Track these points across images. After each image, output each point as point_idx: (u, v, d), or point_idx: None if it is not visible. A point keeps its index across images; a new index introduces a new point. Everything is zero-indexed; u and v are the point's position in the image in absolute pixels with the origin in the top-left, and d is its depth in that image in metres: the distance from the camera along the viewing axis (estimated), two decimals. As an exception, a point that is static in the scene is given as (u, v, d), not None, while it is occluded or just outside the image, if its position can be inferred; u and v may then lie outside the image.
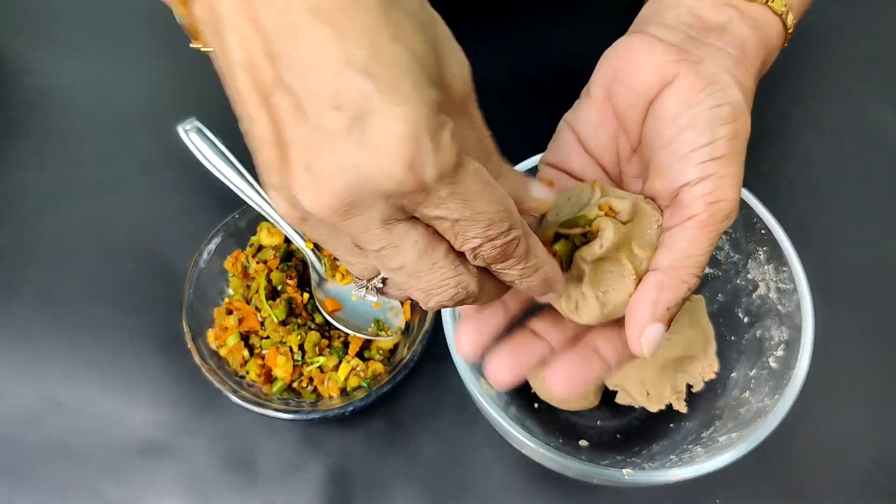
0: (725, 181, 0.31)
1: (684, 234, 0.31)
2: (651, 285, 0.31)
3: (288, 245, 0.53)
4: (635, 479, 0.37)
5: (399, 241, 0.25)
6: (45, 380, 0.51)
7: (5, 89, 0.64)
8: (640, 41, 0.34)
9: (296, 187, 0.24)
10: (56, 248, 0.56)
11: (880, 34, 0.66)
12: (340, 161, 0.23)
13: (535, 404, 0.49)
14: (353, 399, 0.47)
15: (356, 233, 0.25)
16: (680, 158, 0.31)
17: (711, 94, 0.31)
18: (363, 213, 0.24)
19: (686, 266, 0.31)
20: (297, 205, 0.25)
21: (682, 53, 0.33)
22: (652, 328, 0.31)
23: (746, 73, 0.34)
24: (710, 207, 0.31)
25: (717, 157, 0.31)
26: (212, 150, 0.50)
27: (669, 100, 0.32)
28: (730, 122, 0.31)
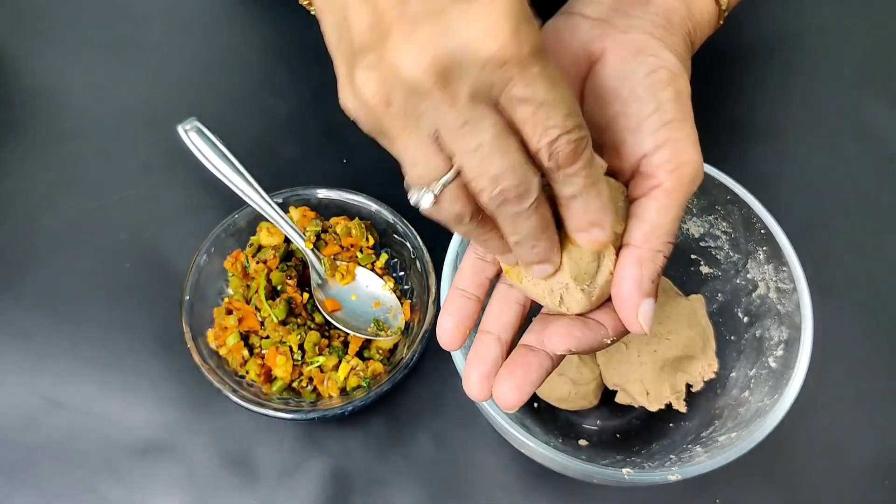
0: (683, 144, 0.31)
1: (652, 203, 0.31)
2: (629, 262, 0.31)
3: (288, 245, 0.53)
4: (635, 479, 0.37)
5: (480, 120, 0.26)
6: (44, 380, 0.52)
7: (5, 89, 0.64)
8: (563, 22, 0.34)
9: (400, 53, 0.25)
10: (56, 248, 0.56)
11: (880, 35, 0.67)
12: (446, 26, 0.25)
13: (535, 404, 0.49)
14: (352, 399, 0.47)
15: (447, 103, 0.26)
16: (631, 131, 0.31)
17: (643, 62, 0.31)
18: (458, 80, 0.25)
19: (659, 236, 0.31)
20: (395, 76, 0.26)
21: (607, 27, 0.33)
22: (644, 305, 0.31)
23: (673, 39, 0.34)
24: (674, 174, 0.30)
25: (667, 122, 0.31)
26: (212, 150, 0.50)
27: (603, 76, 0.32)
28: (670, 85, 0.31)
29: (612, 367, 0.47)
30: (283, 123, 0.62)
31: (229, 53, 0.66)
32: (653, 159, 0.31)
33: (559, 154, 0.27)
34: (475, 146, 0.27)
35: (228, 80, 0.65)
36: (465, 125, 0.26)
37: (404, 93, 0.26)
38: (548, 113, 0.26)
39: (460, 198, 0.28)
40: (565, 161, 0.28)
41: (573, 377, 0.47)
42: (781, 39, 0.66)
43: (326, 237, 0.52)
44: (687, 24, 0.35)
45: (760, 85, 0.63)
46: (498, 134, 0.27)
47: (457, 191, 0.28)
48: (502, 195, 0.27)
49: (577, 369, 0.47)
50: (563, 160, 0.28)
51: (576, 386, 0.47)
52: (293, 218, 0.52)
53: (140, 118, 0.62)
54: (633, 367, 0.46)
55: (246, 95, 0.64)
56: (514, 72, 0.25)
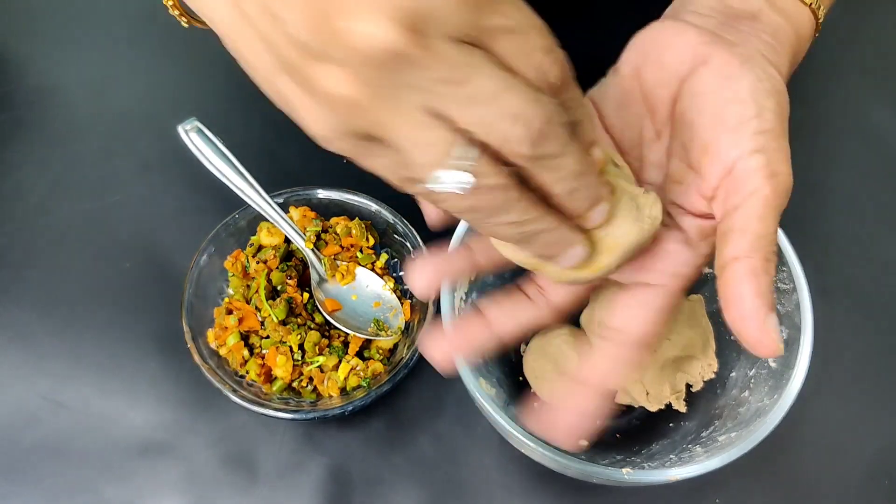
0: (777, 155, 0.29)
1: (753, 211, 0.29)
2: (745, 277, 0.28)
3: (288, 245, 0.53)
4: (635, 479, 0.37)
5: (476, 61, 0.24)
6: (45, 380, 0.52)
7: (5, 89, 0.64)
8: (672, 25, 0.33)
9: (353, 22, 0.22)
10: (56, 248, 0.56)
11: (881, 35, 0.67)
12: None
13: (535, 404, 0.49)
14: (352, 399, 0.47)
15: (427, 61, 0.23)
16: (729, 130, 0.30)
17: (752, 71, 0.30)
18: (433, 28, 0.22)
19: (766, 245, 0.29)
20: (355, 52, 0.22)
21: (716, 37, 0.32)
22: (770, 320, 0.28)
23: (780, 59, 0.33)
24: (772, 182, 0.29)
25: (766, 129, 0.29)
26: (212, 150, 0.50)
27: (706, 76, 0.31)
28: (774, 94, 0.30)
29: (612, 367, 0.47)
30: (283, 123, 0.61)
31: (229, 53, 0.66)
32: (750, 163, 0.29)
33: (550, 76, 0.25)
34: (477, 90, 0.24)
35: (228, 80, 0.65)
36: (462, 72, 0.23)
37: (378, 66, 0.23)
38: (527, 36, 0.24)
39: (493, 164, 0.25)
40: (559, 84, 0.26)
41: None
42: (781, 39, 0.66)
43: (326, 237, 0.52)
44: (791, 44, 0.34)
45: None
46: (494, 70, 0.24)
47: (490, 158, 0.25)
48: (536, 131, 0.25)
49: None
50: (556, 83, 0.26)
51: (576, 386, 0.47)
52: (293, 218, 0.52)
53: (140, 118, 0.62)
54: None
55: (246, 95, 0.64)
56: (486, 2, 0.23)
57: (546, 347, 0.48)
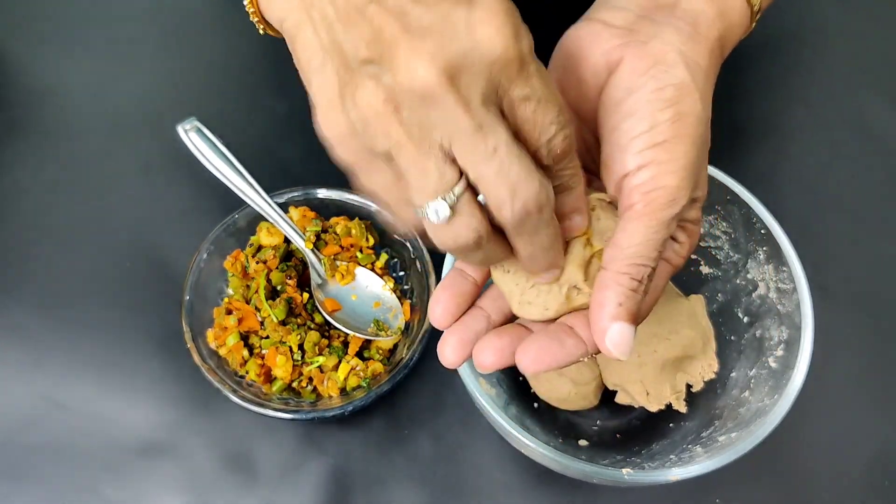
0: (665, 167, 0.30)
1: (623, 224, 0.31)
2: (598, 285, 0.31)
3: (288, 245, 0.53)
4: (635, 479, 0.37)
5: (494, 124, 0.26)
6: (45, 380, 0.52)
7: (5, 89, 0.64)
8: (586, 29, 0.34)
9: (408, 61, 0.25)
10: (56, 248, 0.56)
11: (880, 35, 0.67)
12: (452, 32, 0.25)
13: (535, 404, 0.49)
14: (352, 399, 0.47)
15: (460, 107, 0.26)
16: (621, 148, 0.31)
17: (654, 77, 0.31)
18: (469, 83, 0.26)
19: (625, 258, 0.30)
20: (401, 83, 0.26)
21: (630, 35, 0.32)
22: (612, 329, 0.30)
23: (698, 47, 0.33)
24: (646, 197, 0.30)
25: (657, 143, 0.30)
26: (212, 150, 0.50)
27: (614, 87, 0.32)
28: (672, 105, 0.30)
29: (612, 368, 0.47)
30: (283, 123, 0.62)
31: (229, 53, 0.66)
32: (632, 180, 0.31)
33: (556, 149, 0.28)
34: (492, 150, 0.26)
35: (228, 80, 0.65)
36: (479, 129, 0.26)
37: (414, 100, 0.26)
38: (546, 109, 0.27)
39: (476, 211, 0.28)
40: (562, 155, 0.28)
41: (573, 377, 0.47)
42: (782, 39, 0.66)
43: (326, 237, 0.52)
44: (716, 28, 0.34)
45: (760, 85, 0.63)
46: (511, 139, 0.27)
47: (473, 202, 0.28)
48: (525, 208, 0.27)
49: (578, 370, 0.47)
50: (559, 155, 0.28)
51: (576, 386, 0.47)
52: (293, 218, 0.52)
53: (140, 118, 0.62)
54: (633, 368, 0.46)
55: (246, 95, 0.64)
56: (516, 71, 0.26)
57: (546, 347, 0.48)
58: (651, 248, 0.30)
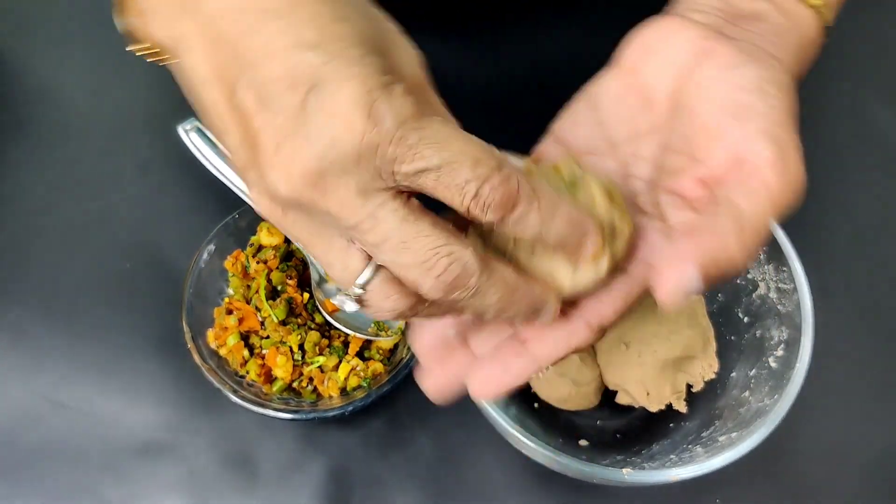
0: (791, 151, 0.28)
1: (756, 202, 0.27)
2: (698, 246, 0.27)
3: (288, 245, 0.53)
4: (635, 479, 0.37)
5: (378, 210, 0.25)
6: (45, 380, 0.51)
7: (5, 89, 0.64)
8: (672, 20, 0.33)
9: (269, 173, 0.25)
10: (56, 248, 0.56)
11: (880, 34, 0.66)
12: (305, 133, 0.24)
13: (535, 404, 0.49)
14: (352, 399, 0.47)
15: (334, 209, 0.24)
16: (737, 117, 0.29)
17: (755, 66, 0.29)
18: (338, 182, 0.24)
19: (748, 235, 0.27)
20: (275, 194, 0.25)
21: (718, 33, 0.31)
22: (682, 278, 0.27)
23: (785, 58, 0.32)
24: (783, 181, 0.27)
25: (776, 119, 0.28)
26: (212, 150, 0.50)
27: (710, 67, 0.30)
28: (779, 91, 0.29)
29: (612, 368, 0.47)
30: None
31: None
32: (760, 159, 0.28)
33: (493, 204, 0.25)
34: (382, 238, 0.25)
35: (228, 80, 0.65)
36: (363, 221, 0.25)
37: (292, 208, 0.26)
38: (452, 173, 0.24)
39: (392, 291, 0.26)
40: (503, 207, 0.25)
41: (574, 378, 0.47)
42: (781, 39, 0.66)
43: (326, 237, 0.52)
44: (798, 45, 0.33)
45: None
46: (403, 218, 0.25)
47: (384, 284, 0.26)
48: (442, 282, 0.25)
49: (578, 370, 0.47)
50: (500, 207, 0.25)
51: (576, 386, 0.47)
52: (293, 218, 0.52)
53: (140, 118, 0.62)
54: (633, 368, 0.46)
55: (246, 95, 0.64)
56: (391, 151, 0.24)
57: (546, 347, 0.48)
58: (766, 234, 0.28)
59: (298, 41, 0.24)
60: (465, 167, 0.24)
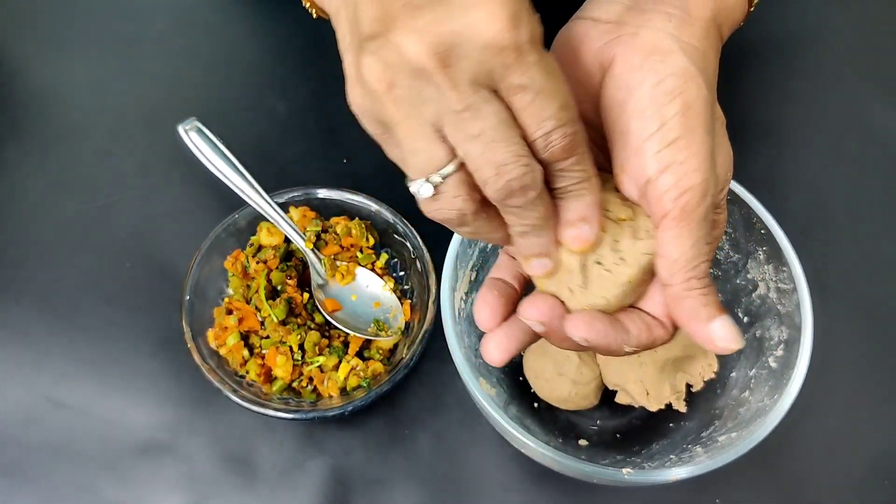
0: (687, 166, 0.29)
1: (665, 235, 0.30)
2: (671, 300, 0.31)
3: (288, 245, 0.53)
4: (635, 479, 0.37)
5: (483, 105, 0.27)
6: (45, 380, 0.52)
7: (5, 89, 0.64)
8: (575, 30, 0.33)
9: (402, 36, 0.26)
10: (56, 248, 0.56)
11: (880, 34, 0.67)
12: (447, 11, 0.25)
13: (535, 404, 0.49)
14: (352, 399, 0.47)
15: (448, 86, 0.26)
16: (636, 151, 0.30)
17: (651, 69, 0.30)
18: (459, 62, 0.26)
19: (684, 267, 0.30)
20: (395, 56, 0.26)
21: (619, 29, 0.32)
22: (715, 328, 0.30)
23: (692, 29, 0.32)
24: (678, 202, 0.29)
25: (671, 141, 0.29)
26: (212, 150, 0.50)
27: (612, 87, 0.31)
28: (677, 96, 0.30)
29: (612, 368, 0.47)
30: (283, 123, 0.62)
31: (229, 53, 0.66)
32: (657, 185, 0.30)
33: (554, 147, 0.28)
34: (477, 132, 0.27)
35: (228, 80, 0.65)
36: (466, 110, 0.27)
37: (407, 76, 0.26)
38: (543, 103, 0.27)
39: (462, 191, 0.28)
40: (560, 154, 0.28)
41: (574, 377, 0.47)
42: (782, 39, 0.66)
43: (326, 237, 0.52)
44: (707, 9, 0.33)
45: (760, 85, 0.63)
46: (501, 122, 0.27)
47: (459, 184, 0.28)
48: (508, 186, 0.27)
49: (578, 369, 0.47)
50: (557, 153, 0.28)
51: (576, 386, 0.47)
52: (293, 218, 0.52)
53: (140, 118, 0.62)
54: (633, 368, 0.46)
55: (246, 95, 0.64)
56: (512, 59, 0.26)
57: (546, 347, 0.48)
58: (701, 246, 0.30)
59: None
60: (555, 104, 0.27)
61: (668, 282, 0.31)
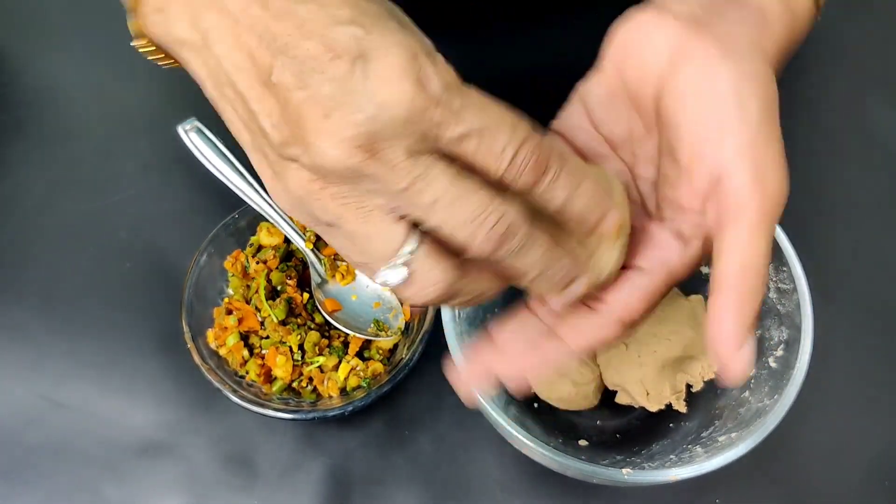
0: (767, 160, 0.29)
1: (740, 237, 0.29)
2: (727, 306, 0.29)
3: (288, 245, 0.53)
4: (635, 479, 0.37)
5: (428, 171, 0.25)
6: (45, 380, 0.52)
7: (5, 89, 0.64)
8: (650, 14, 0.32)
9: (319, 141, 0.25)
10: (56, 248, 0.56)
11: (880, 35, 0.66)
12: (354, 99, 0.24)
13: (535, 404, 0.49)
14: (352, 399, 0.47)
15: (384, 172, 0.25)
16: (713, 138, 0.29)
17: (733, 65, 0.29)
18: (388, 146, 0.25)
19: (752, 274, 0.29)
20: (321, 163, 0.25)
21: (697, 26, 0.31)
22: (742, 352, 0.29)
23: (770, 43, 0.32)
24: (759, 198, 0.28)
25: (752, 135, 0.29)
26: (212, 150, 0.50)
27: (687, 73, 0.30)
28: (756, 94, 0.29)
29: (612, 368, 0.47)
30: (283, 123, 0.62)
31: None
32: (736, 177, 0.29)
33: (525, 169, 0.26)
34: (434, 198, 0.25)
35: (228, 80, 0.65)
36: (414, 182, 0.25)
37: (339, 178, 0.26)
38: (492, 137, 0.26)
39: (436, 261, 0.27)
40: (535, 172, 0.26)
41: (574, 377, 0.47)
42: (781, 39, 0.66)
43: (326, 237, 0.52)
44: (783, 22, 0.33)
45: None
46: (453, 178, 0.26)
47: (429, 254, 0.27)
48: (491, 237, 0.26)
49: (578, 370, 0.47)
50: (532, 174, 0.26)
51: (576, 386, 0.47)
52: (293, 218, 0.52)
53: (140, 118, 0.62)
54: (633, 368, 0.46)
55: (246, 95, 0.64)
56: (438, 115, 0.25)
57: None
58: (769, 259, 0.29)
59: (334, 19, 0.25)
60: (504, 131, 0.26)
61: (735, 284, 0.29)
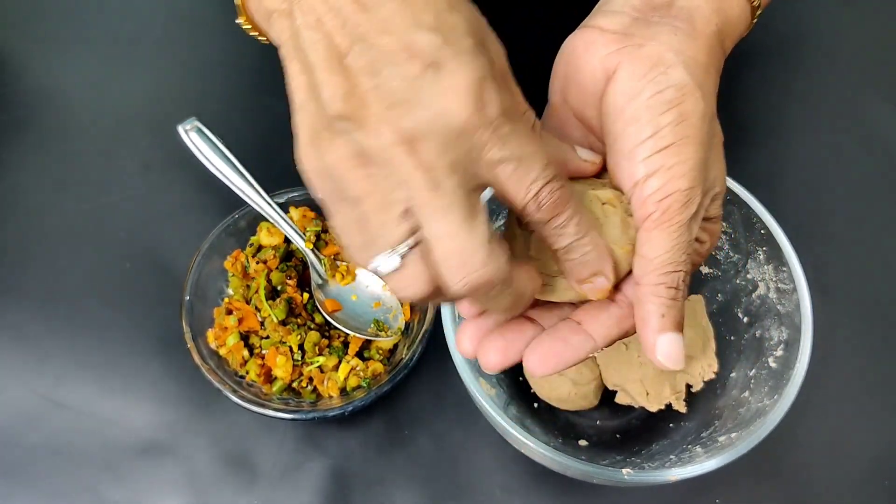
0: (674, 171, 0.30)
1: (645, 236, 0.31)
2: (637, 302, 0.31)
3: (288, 245, 0.53)
4: (635, 479, 0.37)
5: (456, 189, 0.27)
6: (45, 380, 0.52)
7: (6, 89, 0.64)
8: (581, 37, 0.34)
9: (374, 125, 0.26)
10: (56, 248, 0.56)
11: (880, 35, 0.67)
12: (419, 99, 0.26)
13: (535, 404, 0.49)
14: (352, 399, 0.47)
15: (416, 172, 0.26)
16: (627, 156, 0.31)
17: (652, 81, 0.31)
18: (431, 150, 0.26)
19: (657, 268, 0.30)
20: (368, 145, 0.26)
21: (625, 40, 0.32)
22: (661, 342, 0.31)
23: (696, 44, 0.33)
24: (661, 205, 0.30)
25: (662, 148, 0.30)
26: (212, 149, 0.50)
27: (613, 94, 0.32)
28: (674, 107, 0.30)
29: (612, 368, 0.47)
30: (283, 123, 0.61)
31: (229, 53, 0.66)
32: (643, 189, 0.31)
33: (545, 204, 0.28)
34: (443, 216, 0.27)
35: (228, 80, 0.65)
36: (438, 195, 0.27)
37: (380, 162, 0.27)
38: (527, 168, 0.28)
39: (425, 269, 0.28)
40: (552, 209, 0.29)
41: (573, 377, 0.47)
42: (782, 39, 0.66)
43: (326, 237, 0.52)
44: (713, 24, 0.34)
45: (761, 85, 0.63)
46: (471, 211, 0.27)
47: (416, 266, 0.28)
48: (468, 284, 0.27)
49: (578, 369, 0.47)
50: (550, 209, 0.29)
51: (576, 386, 0.47)
52: (293, 218, 0.52)
53: (140, 118, 0.62)
54: (633, 368, 0.46)
55: (246, 95, 0.64)
56: (486, 137, 0.27)
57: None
58: (679, 253, 0.31)
59: (416, 22, 0.26)
60: (538, 166, 0.28)
61: (638, 281, 0.31)
